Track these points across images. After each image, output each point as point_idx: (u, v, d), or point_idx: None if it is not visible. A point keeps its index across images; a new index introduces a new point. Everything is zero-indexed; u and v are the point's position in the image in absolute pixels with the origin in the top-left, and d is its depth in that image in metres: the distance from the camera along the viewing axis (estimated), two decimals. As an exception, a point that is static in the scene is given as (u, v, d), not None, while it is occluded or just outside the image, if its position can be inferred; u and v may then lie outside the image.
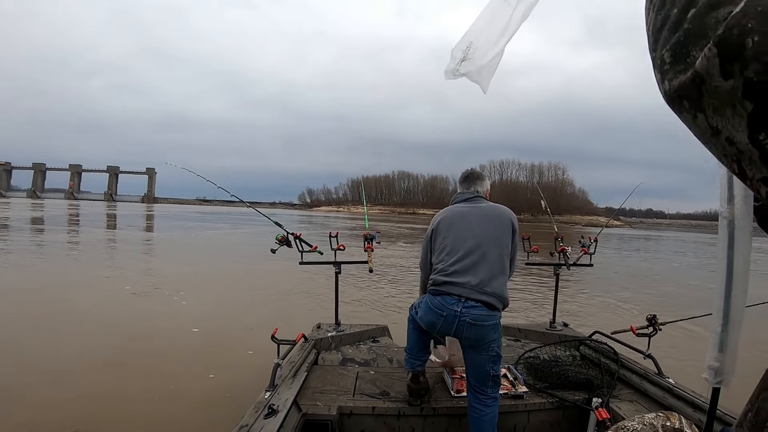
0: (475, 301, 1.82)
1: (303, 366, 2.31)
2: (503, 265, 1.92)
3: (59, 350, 4.02)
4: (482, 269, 1.86)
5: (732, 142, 0.34)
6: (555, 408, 2.16)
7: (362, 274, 8.02)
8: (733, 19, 0.33)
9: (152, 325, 4.97)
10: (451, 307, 1.83)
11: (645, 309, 6.28)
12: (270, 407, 1.76)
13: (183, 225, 25.27)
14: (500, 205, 2.06)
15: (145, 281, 7.46)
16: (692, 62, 0.35)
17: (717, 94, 0.34)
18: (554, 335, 2.92)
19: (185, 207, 78.86)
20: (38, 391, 3.18)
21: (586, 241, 3.01)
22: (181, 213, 43.74)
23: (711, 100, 0.34)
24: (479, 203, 2.05)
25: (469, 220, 1.97)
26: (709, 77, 0.34)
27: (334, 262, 2.84)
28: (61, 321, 5.01)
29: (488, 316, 1.83)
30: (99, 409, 2.97)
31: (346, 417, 2.04)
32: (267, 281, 8.02)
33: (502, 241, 1.93)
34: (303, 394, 2.09)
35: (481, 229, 1.94)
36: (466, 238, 1.93)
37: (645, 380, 2.18)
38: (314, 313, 4.93)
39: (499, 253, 1.91)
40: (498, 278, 1.88)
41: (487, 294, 1.84)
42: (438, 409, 2.10)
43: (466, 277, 1.85)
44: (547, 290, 7.23)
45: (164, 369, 3.70)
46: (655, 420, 1.60)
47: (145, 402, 3.11)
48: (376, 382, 2.31)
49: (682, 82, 0.36)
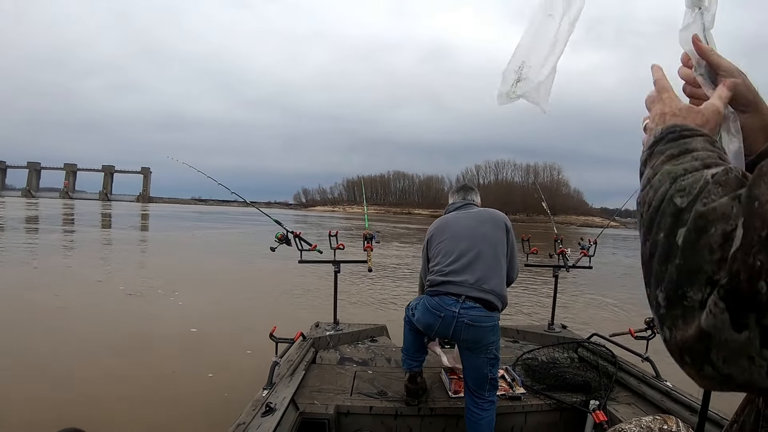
0: (474, 301, 1.82)
1: (301, 365, 2.30)
2: (500, 264, 1.93)
3: (58, 350, 3.99)
4: (479, 267, 1.87)
5: (750, 384, 0.30)
6: (552, 410, 2.15)
7: (359, 272, 8.03)
8: (737, 260, 0.29)
9: (149, 326, 4.94)
10: (449, 307, 1.82)
11: (643, 309, 6.30)
12: (267, 405, 1.75)
13: (180, 225, 25.15)
14: (492, 209, 2.11)
15: (140, 282, 7.41)
16: (692, 307, 0.32)
17: (728, 348, 0.30)
18: (552, 337, 2.93)
19: (181, 206, 78.62)
20: (34, 392, 3.15)
21: (585, 243, 3.02)
22: (178, 212, 43.63)
23: (720, 353, 0.30)
24: (471, 209, 2.11)
25: (463, 223, 2.02)
26: (717, 332, 0.30)
27: (333, 261, 2.84)
28: (60, 320, 4.97)
29: (487, 317, 1.82)
30: (97, 410, 2.95)
31: (343, 416, 2.04)
32: (265, 280, 7.99)
33: (497, 241, 1.96)
34: (300, 393, 2.08)
35: (474, 230, 1.97)
36: (461, 240, 1.95)
37: (643, 383, 2.19)
38: (312, 312, 4.91)
39: (495, 252, 1.93)
40: (496, 276, 1.89)
41: (485, 291, 1.84)
42: (435, 410, 2.10)
43: (464, 276, 1.86)
44: (547, 290, 7.27)
45: (161, 369, 3.67)
46: (652, 423, 1.59)
47: (144, 402, 3.09)
48: (374, 382, 2.31)
49: (685, 338, 0.32)
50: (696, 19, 0.61)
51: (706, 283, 0.31)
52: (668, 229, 0.36)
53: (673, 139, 0.45)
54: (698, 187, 0.36)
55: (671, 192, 0.38)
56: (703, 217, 0.34)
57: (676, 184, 0.38)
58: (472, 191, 2.21)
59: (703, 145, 0.43)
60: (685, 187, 0.37)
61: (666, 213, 0.37)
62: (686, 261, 0.33)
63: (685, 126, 0.46)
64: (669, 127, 0.47)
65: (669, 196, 0.38)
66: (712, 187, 0.35)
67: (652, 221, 0.39)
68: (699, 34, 0.58)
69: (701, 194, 0.35)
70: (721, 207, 0.33)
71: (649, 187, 0.42)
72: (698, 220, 0.34)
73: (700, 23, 0.60)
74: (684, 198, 0.36)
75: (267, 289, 7.24)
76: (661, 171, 0.41)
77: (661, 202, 0.38)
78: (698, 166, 0.39)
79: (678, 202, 0.36)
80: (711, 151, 0.42)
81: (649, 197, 0.41)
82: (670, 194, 0.38)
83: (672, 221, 0.36)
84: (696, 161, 0.40)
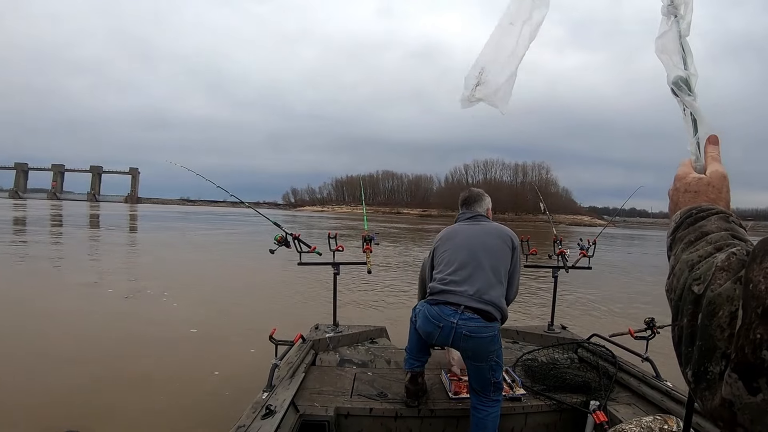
0: (472, 312, 1.84)
1: (301, 367, 2.29)
2: (500, 277, 1.95)
3: (53, 353, 3.95)
4: (479, 279, 1.90)
5: None
6: (553, 410, 2.15)
7: (353, 271, 8.01)
8: (740, 336, 0.35)
9: (146, 327, 4.90)
10: (447, 318, 1.84)
11: (641, 309, 6.38)
12: (267, 408, 1.74)
13: (173, 225, 24.95)
14: (501, 225, 2.13)
15: (137, 284, 7.34)
16: (713, 380, 0.37)
17: (750, 409, 0.34)
18: (552, 338, 2.93)
19: (170, 207, 77.54)
20: (27, 397, 3.11)
21: (584, 243, 3.03)
22: (167, 213, 43.14)
23: (745, 415, 0.35)
24: (480, 221, 2.13)
25: (468, 235, 2.05)
26: (737, 399, 0.35)
27: (332, 263, 2.83)
28: (58, 323, 4.93)
29: (485, 327, 1.84)
30: (95, 410, 2.93)
31: (343, 418, 2.03)
32: (264, 281, 7.96)
33: (500, 255, 1.98)
34: (300, 395, 2.07)
35: (479, 242, 2.00)
36: (463, 250, 1.99)
37: (643, 383, 2.19)
38: (313, 313, 4.90)
39: (496, 265, 1.95)
40: (495, 288, 1.91)
41: (484, 302, 1.86)
42: (435, 411, 2.09)
43: (463, 287, 1.89)
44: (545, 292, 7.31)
45: (160, 370, 3.65)
46: (652, 423, 1.60)
47: (143, 402, 3.08)
48: (374, 384, 2.30)
49: (714, 407, 0.38)
50: (672, 27, 0.62)
51: (721, 358, 0.37)
52: (690, 315, 0.42)
53: (690, 224, 0.52)
54: (710, 274, 0.41)
55: (689, 281, 0.44)
56: (712, 302, 0.39)
57: (693, 273, 0.44)
58: (475, 203, 2.19)
59: (717, 224, 0.50)
60: (700, 276, 0.43)
61: (687, 301, 0.43)
62: (704, 341, 0.39)
63: (700, 208, 0.53)
64: (686, 212, 0.54)
65: (688, 285, 0.44)
66: (717, 273, 0.41)
67: (677, 308, 0.45)
68: (675, 41, 0.61)
69: (712, 280, 0.41)
70: (726, 291, 0.39)
71: (673, 275, 0.48)
72: (708, 306, 0.39)
73: (676, 31, 0.61)
74: (700, 286, 0.42)
75: (265, 290, 7.21)
76: (681, 260, 0.48)
77: (683, 291, 0.44)
78: (711, 251, 0.46)
79: (695, 290, 0.42)
80: (724, 230, 0.48)
81: (674, 285, 0.47)
82: (688, 283, 0.44)
83: (692, 308, 0.42)
84: (709, 245, 0.47)
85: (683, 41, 0.61)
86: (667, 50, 0.61)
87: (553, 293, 3.11)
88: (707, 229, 0.49)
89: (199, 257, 11.74)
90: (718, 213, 0.51)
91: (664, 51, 0.61)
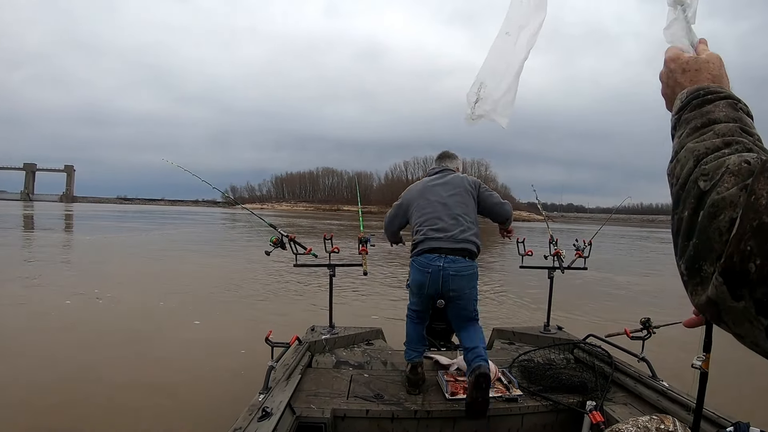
0: (454, 254, 2.13)
1: (297, 369, 2.28)
2: (472, 219, 2.26)
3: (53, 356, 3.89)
4: (454, 226, 2.20)
5: (756, 344, 0.37)
6: (549, 411, 2.15)
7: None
8: (731, 244, 0.35)
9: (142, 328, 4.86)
10: (434, 262, 2.12)
11: (639, 309, 6.35)
12: (264, 410, 1.74)
13: (125, 226, 23.86)
14: (464, 175, 2.44)
15: (124, 288, 7.29)
16: (706, 278, 0.38)
17: (732, 313, 0.36)
18: (548, 338, 2.93)
19: (108, 206, 73.13)
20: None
21: (580, 243, 3.03)
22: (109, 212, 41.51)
23: (728, 316, 0.37)
24: (445, 175, 2.41)
25: (436, 190, 2.33)
26: (721, 301, 0.37)
27: (328, 264, 2.83)
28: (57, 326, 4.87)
29: (468, 266, 2.14)
30: (92, 415, 2.92)
31: (339, 420, 2.03)
32: (261, 281, 7.93)
33: (467, 201, 2.29)
34: (297, 397, 2.06)
35: (446, 193, 2.30)
36: (436, 204, 2.27)
37: (639, 383, 2.19)
38: (309, 315, 4.88)
39: (466, 211, 2.26)
40: (470, 230, 2.21)
41: (464, 241, 2.16)
42: (432, 412, 2.09)
43: (442, 233, 2.18)
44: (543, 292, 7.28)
45: (155, 372, 3.62)
46: (649, 423, 1.60)
47: (141, 404, 3.07)
48: (370, 385, 2.29)
49: (701, 302, 0.40)
50: (679, 16, 0.63)
51: (716, 260, 0.37)
52: (692, 209, 0.42)
53: (697, 105, 0.50)
54: (720, 174, 0.41)
55: (696, 174, 0.43)
56: (715, 204, 0.39)
57: (700, 168, 0.43)
58: (448, 158, 2.54)
59: (725, 113, 0.47)
60: (708, 172, 0.42)
61: (691, 194, 0.43)
62: (701, 240, 0.40)
63: (708, 89, 0.51)
64: (693, 91, 0.52)
65: (694, 178, 0.43)
66: (726, 176, 0.40)
67: (679, 197, 0.45)
68: (683, 30, 0.62)
69: (720, 181, 0.40)
70: (730, 196, 0.38)
71: (676, 161, 0.48)
72: (711, 207, 0.39)
73: (683, 19, 0.63)
74: (707, 183, 0.41)
75: (262, 291, 7.18)
76: (686, 147, 0.47)
77: (687, 182, 0.44)
78: (719, 144, 0.44)
79: (701, 185, 0.42)
80: (733, 122, 0.46)
81: (676, 172, 0.47)
82: (695, 176, 0.43)
83: (695, 203, 0.42)
84: (717, 138, 0.45)
85: (690, 29, 0.63)
86: (677, 38, 0.62)
87: (549, 294, 3.11)
88: (715, 116, 0.47)
89: (188, 257, 11.67)
90: (726, 98, 0.49)
91: (673, 41, 0.62)
